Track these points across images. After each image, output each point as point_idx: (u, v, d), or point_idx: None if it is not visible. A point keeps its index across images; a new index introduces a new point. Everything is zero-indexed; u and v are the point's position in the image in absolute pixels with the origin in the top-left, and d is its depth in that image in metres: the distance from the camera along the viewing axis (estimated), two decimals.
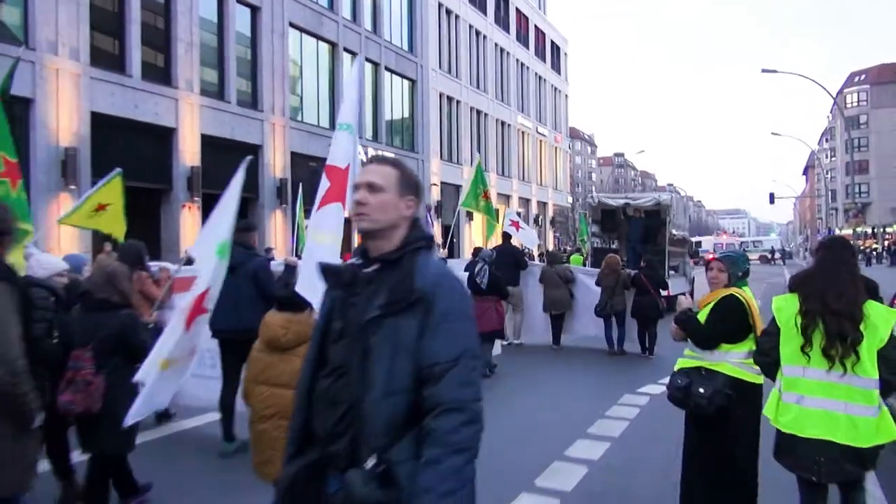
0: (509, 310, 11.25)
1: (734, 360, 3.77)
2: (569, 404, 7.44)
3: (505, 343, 11.25)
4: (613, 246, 17.61)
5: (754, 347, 3.72)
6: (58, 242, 14.70)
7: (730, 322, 3.80)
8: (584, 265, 17.03)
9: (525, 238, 12.79)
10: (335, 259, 6.77)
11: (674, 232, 16.89)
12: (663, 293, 10.58)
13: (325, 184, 5.18)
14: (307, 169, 23.32)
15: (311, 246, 5.25)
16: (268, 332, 3.76)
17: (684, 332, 3.94)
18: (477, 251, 10.90)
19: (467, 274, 9.07)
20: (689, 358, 3.97)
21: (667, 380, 4.05)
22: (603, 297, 10.41)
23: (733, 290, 3.89)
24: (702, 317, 3.92)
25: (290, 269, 5.86)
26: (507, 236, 11.91)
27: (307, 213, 16.95)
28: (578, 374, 9.31)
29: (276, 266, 6.39)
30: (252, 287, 5.57)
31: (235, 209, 4.68)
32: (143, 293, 6.23)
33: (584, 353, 10.92)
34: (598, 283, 10.60)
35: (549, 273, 11.09)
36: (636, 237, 15.58)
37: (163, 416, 6.62)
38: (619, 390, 7.74)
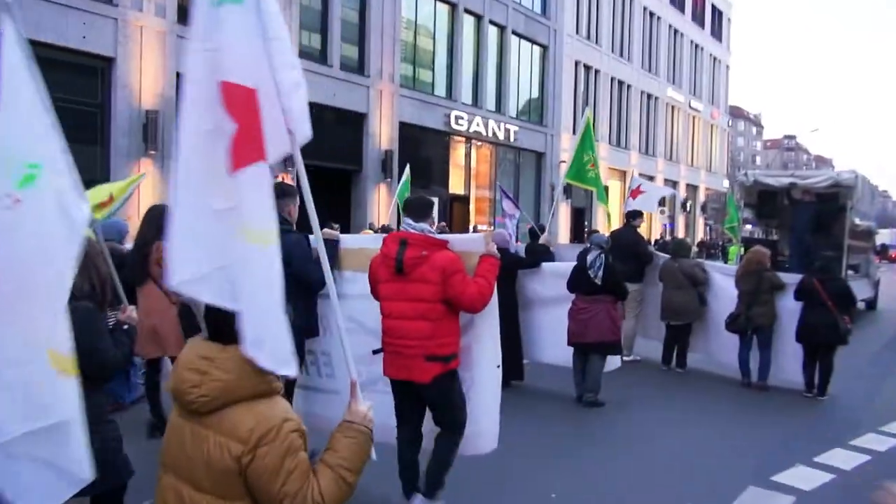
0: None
1: None
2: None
3: (625, 358, 8.53)
4: (773, 237, 14.06)
5: None
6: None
7: None
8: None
9: (645, 203, 9.68)
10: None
11: (857, 221, 13.02)
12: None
13: (226, 125, 2.11)
14: (417, 141, 21.41)
15: (245, 252, 2.12)
16: (173, 379, 1.98)
17: None
18: (591, 234, 8.31)
19: (574, 266, 6.58)
20: None
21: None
22: (739, 305, 7.40)
23: None
24: None
25: (330, 246, 4.08)
26: (628, 217, 9.07)
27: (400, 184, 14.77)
28: (687, 427, 6.13)
29: (365, 242, 4.55)
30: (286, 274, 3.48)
31: (40, 101, 2.46)
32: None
33: (709, 382, 7.81)
34: (736, 285, 7.57)
35: (671, 269, 8.16)
36: (804, 227, 12.01)
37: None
38: (741, 474, 4.64)
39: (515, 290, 6.96)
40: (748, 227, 14.87)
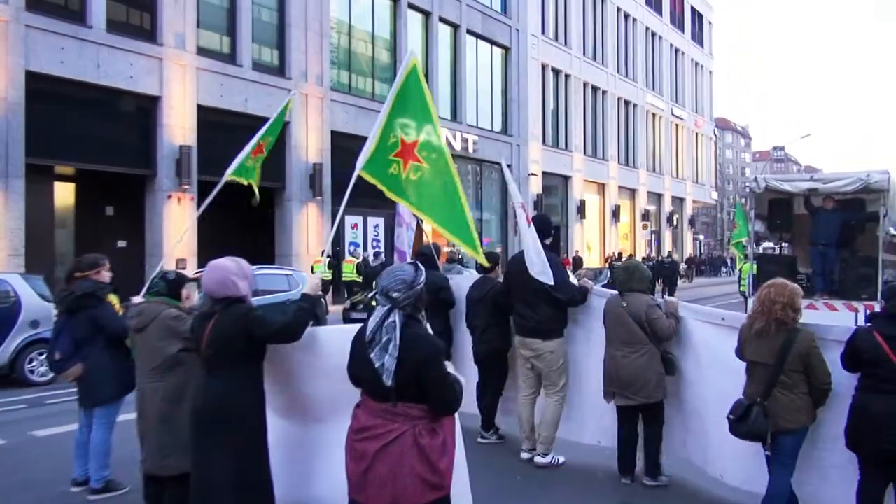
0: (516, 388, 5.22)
1: None
2: None
3: (541, 461, 5.22)
4: (785, 250, 11.20)
5: None
6: None
7: None
8: (747, 285, 10.93)
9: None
10: None
11: (892, 231, 10.12)
12: None
13: None
14: (353, 153, 18.38)
15: None
16: None
17: None
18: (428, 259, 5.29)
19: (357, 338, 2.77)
20: None
21: None
22: (749, 388, 3.92)
23: None
24: None
25: None
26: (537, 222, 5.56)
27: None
28: None
29: None
30: None
31: None
32: None
33: None
34: (739, 354, 4.09)
35: (615, 313, 4.73)
36: (826, 238, 9.25)
37: None
38: None
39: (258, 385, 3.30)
40: (761, 243, 12.04)
